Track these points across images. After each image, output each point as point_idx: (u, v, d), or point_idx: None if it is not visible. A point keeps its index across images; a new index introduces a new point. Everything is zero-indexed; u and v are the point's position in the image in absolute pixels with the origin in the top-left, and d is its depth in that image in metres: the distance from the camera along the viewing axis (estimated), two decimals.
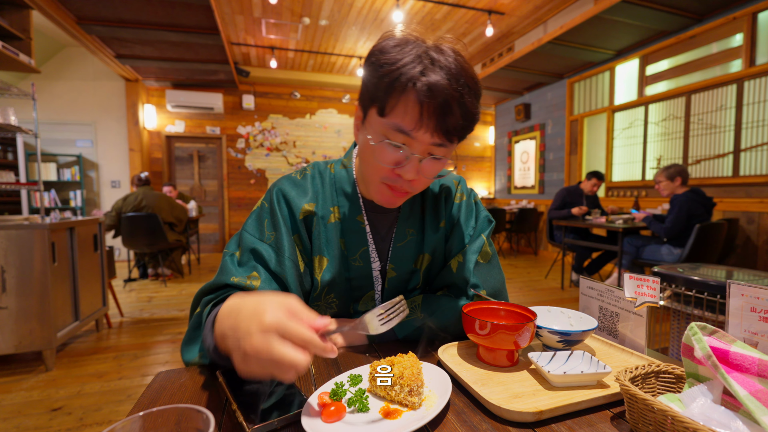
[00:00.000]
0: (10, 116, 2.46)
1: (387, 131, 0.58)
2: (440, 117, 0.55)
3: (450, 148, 0.61)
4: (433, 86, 0.54)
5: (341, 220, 0.71)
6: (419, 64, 0.55)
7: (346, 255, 0.71)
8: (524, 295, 3.78)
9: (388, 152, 0.59)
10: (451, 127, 0.57)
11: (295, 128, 6.48)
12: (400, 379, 0.47)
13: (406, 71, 0.54)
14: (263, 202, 0.71)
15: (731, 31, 3.49)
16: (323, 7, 4.21)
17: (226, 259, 0.66)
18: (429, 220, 0.75)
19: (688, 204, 2.91)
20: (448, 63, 0.55)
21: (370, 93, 0.59)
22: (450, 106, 0.55)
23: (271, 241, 0.67)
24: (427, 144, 0.58)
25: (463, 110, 0.57)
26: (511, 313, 0.63)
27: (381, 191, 0.64)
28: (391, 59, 0.55)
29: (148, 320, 3.04)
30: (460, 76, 0.55)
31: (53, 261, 2.15)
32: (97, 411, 1.76)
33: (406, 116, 0.56)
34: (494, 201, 7.40)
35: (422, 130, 0.56)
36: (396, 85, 0.55)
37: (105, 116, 5.51)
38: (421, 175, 0.60)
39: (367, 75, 0.59)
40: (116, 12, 3.65)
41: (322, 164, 0.76)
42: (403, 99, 0.56)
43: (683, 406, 0.42)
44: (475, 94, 0.58)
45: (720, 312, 1.41)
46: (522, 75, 5.36)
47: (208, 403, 0.50)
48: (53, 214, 2.69)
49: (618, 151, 4.75)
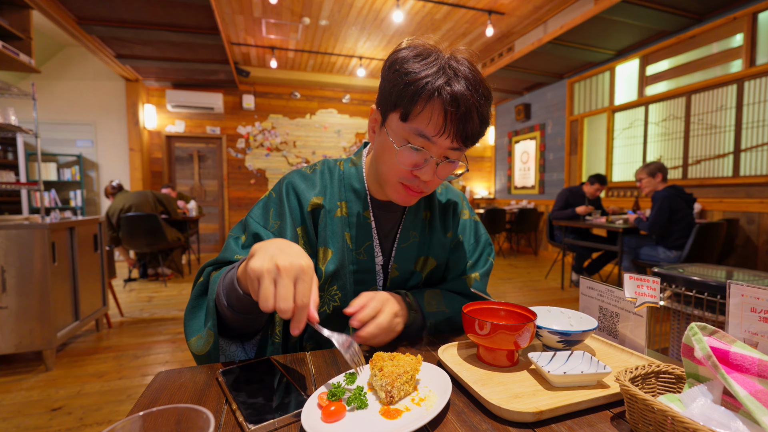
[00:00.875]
0: (10, 116, 2.46)
1: (409, 135, 0.62)
2: (461, 124, 0.60)
3: (463, 151, 0.65)
4: (458, 96, 0.58)
5: (348, 215, 0.74)
6: (443, 75, 0.59)
7: (352, 248, 0.74)
8: (524, 295, 3.78)
9: (409, 155, 0.63)
10: (469, 133, 0.61)
11: (295, 128, 6.48)
12: (391, 373, 0.48)
13: (432, 81, 0.58)
14: (272, 192, 0.75)
15: (731, 31, 3.49)
16: (323, 7, 4.21)
17: (231, 240, 0.70)
18: (436, 227, 0.80)
19: (669, 200, 2.95)
20: (467, 73, 0.60)
21: (393, 99, 0.62)
22: (471, 114, 0.59)
23: (274, 230, 0.70)
24: (446, 148, 0.62)
25: (481, 117, 0.61)
26: (511, 313, 0.63)
27: (397, 191, 0.67)
28: (416, 69, 0.59)
29: (148, 320, 3.04)
30: (478, 86, 0.60)
31: (53, 261, 2.16)
32: (97, 411, 1.76)
33: (430, 123, 0.60)
34: (494, 201, 7.40)
35: (444, 135, 0.60)
36: (423, 93, 0.58)
37: (105, 116, 5.51)
38: (436, 176, 0.64)
39: (390, 82, 0.62)
40: (116, 12, 3.65)
41: (331, 161, 0.80)
42: (428, 107, 0.59)
43: (683, 407, 0.42)
44: (489, 101, 0.63)
45: (720, 312, 1.41)
46: (522, 75, 5.36)
47: (208, 403, 0.50)
48: (53, 214, 2.69)
49: (618, 151, 4.75)
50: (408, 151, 0.62)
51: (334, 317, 0.73)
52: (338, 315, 0.73)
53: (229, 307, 0.58)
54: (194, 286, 0.67)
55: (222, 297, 0.58)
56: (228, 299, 0.57)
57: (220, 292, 0.58)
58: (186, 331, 0.63)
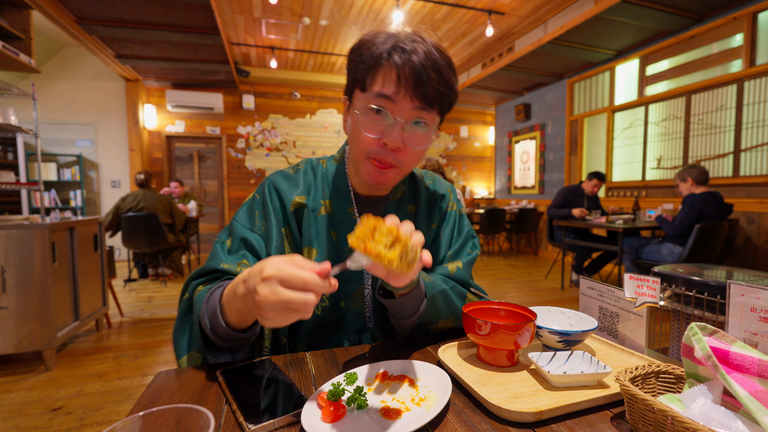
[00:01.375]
0: (10, 116, 2.46)
1: (370, 101, 0.61)
2: (417, 80, 0.59)
3: (432, 116, 0.63)
4: (408, 52, 0.59)
5: (332, 213, 0.73)
6: (393, 39, 0.61)
7: (338, 246, 0.72)
8: (524, 295, 3.78)
9: (372, 120, 0.62)
10: (429, 90, 0.60)
11: (295, 128, 6.48)
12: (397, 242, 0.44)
13: (382, 47, 0.60)
14: (255, 195, 0.74)
15: (731, 31, 3.49)
16: (323, 7, 4.21)
17: (217, 246, 0.68)
18: (421, 219, 0.78)
19: (700, 204, 2.86)
20: (419, 38, 0.61)
21: (353, 78, 0.64)
22: (425, 70, 0.59)
23: (261, 232, 0.70)
24: (409, 109, 0.61)
25: (440, 76, 0.60)
26: (511, 313, 0.63)
27: (368, 169, 0.65)
28: (367, 44, 0.62)
29: (148, 320, 3.04)
30: (431, 48, 0.60)
31: (53, 261, 2.15)
32: (97, 411, 1.76)
33: (385, 82, 0.60)
34: (494, 201, 7.40)
35: (401, 92, 0.60)
36: (378, 60, 0.60)
37: (105, 116, 5.51)
38: (406, 144, 0.62)
39: (349, 66, 0.66)
40: (116, 12, 3.64)
41: (314, 160, 0.79)
42: (381, 69, 0.61)
43: (683, 407, 0.42)
44: (448, 65, 0.62)
45: (720, 312, 1.41)
46: (522, 75, 5.36)
47: (208, 403, 0.50)
48: (53, 214, 2.69)
49: (618, 151, 4.75)
50: (370, 115, 0.62)
51: (325, 319, 0.71)
52: (328, 316, 0.72)
53: (214, 333, 0.56)
54: (180, 301, 0.65)
55: (206, 321, 0.56)
56: (212, 327, 0.56)
57: (204, 317, 0.57)
58: (175, 351, 0.62)
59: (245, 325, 0.55)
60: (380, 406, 0.47)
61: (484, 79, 5.59)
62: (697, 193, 2.95)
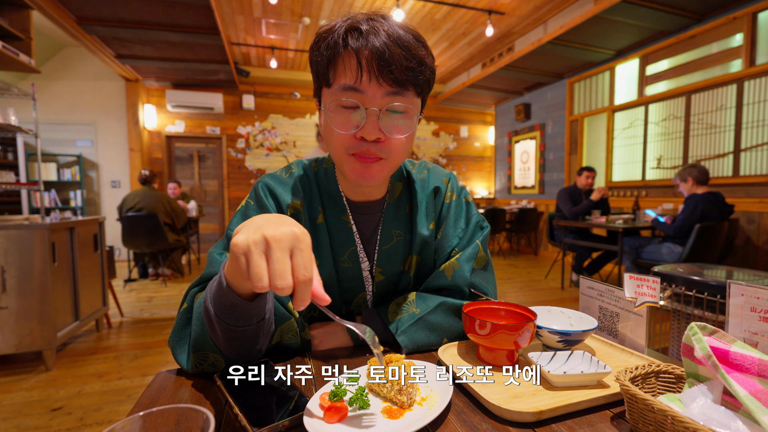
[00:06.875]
0: (10, 116, 2.45)
1: (337, 95, 0.57)
2: (381, 61, 0.53)
3: (409, 99, 0.58)
4: (365, 33, 0.54)
5: (328, 221, 0.70)
6: (347, 23, 0.56)
7: (335, 256, 0.70)
8: (524, 295, 3.78)
9: (343, 115, 0.57)
10: (397, 70, 0.54)
11: (295, 128, 6.48)
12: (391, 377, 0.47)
13: (336, 36, 0.55)
14: (248, 201, 0.69)
15: (731, 31, 3.49)
16: (323, 7, 4.21)
17: (213, 255, 0.63)
18: (419, 220, 0.73)
19: (703, 204, 2.86)
20: (378, 16, 0.56)
21: (316, 75, 0.60)
22: (388, 48, 0.53)
23: None
24: (381, 96, 0.56)
25: (407, 51, 0.54)
26: (511, 313, 0.63)
27: (351, 166, 0.60)
28: (323, 35, 0.57)
29: (148, 320, 3.04)
30: (391, 24, 0.55)
31: (53, 261, 2.15)
32: (97, 411, 1.76)
33: (347, 71, 0.55)
34: (494, 201, 7.40)
35: (366, 78, 0.54)
36: (330, 50, 0.56)
37: (105, 116, 5.51)
38: (385, 133, 0.57)
39: (311, 65, 0.61)
40: (116, 12, 3.65)
41: (305, 162, 0.75)
42: (340, 59, 0.56)
43: (683, 406, 0.42)
44: (415, 37, 0.56)
45: (720, 312, 1.41)
46: (522, 75, 5.36)
47: (208, 403, 0.50)
48: (53, 214, 2.69)
49: (618, 151, 4.75)
50: (340, 111, 0.57)
51: None
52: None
53: (219, 319, 0.49)
54: (179, 312, 0.60)
55: (210, 308, 0.50)
56: (217, 310, 0.49)
57: (209, 305, 0.50)
58: (176, 358, 0.58)
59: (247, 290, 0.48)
60: (382, 406, 0.47)
61: (484, 79, 5.59)
62: (700, 194, 2.94)
